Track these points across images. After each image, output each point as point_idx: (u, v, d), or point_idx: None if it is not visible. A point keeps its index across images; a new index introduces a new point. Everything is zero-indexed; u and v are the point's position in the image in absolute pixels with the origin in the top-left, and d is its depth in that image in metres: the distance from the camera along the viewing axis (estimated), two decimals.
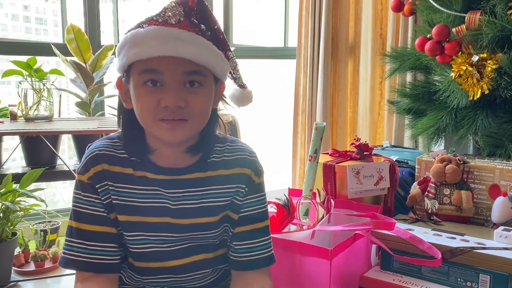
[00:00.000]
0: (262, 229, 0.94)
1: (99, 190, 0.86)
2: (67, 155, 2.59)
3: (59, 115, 2.16)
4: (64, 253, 0.87)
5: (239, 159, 0.92)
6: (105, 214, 0.87)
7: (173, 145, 0.86)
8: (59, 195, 2.87)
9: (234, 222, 0.93)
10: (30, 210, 1.84)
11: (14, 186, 1.78)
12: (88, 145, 0.93)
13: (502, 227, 1.19)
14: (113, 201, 0.87)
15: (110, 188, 0.86)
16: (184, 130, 0.82)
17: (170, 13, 0.80)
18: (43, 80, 1.93)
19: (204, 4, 0.84)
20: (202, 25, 0.83)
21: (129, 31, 0.82)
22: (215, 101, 0.88)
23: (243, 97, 0.95)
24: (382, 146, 2.01)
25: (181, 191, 0.88)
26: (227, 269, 0.98)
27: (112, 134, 0.93)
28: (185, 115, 0.81)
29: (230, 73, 0.92)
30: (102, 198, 0.86)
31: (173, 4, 0.82)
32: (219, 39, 0.85)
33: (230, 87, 0.95)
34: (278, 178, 2.91)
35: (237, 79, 0.93)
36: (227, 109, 0.96)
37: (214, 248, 0.93)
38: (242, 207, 0.92)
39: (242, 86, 0.94)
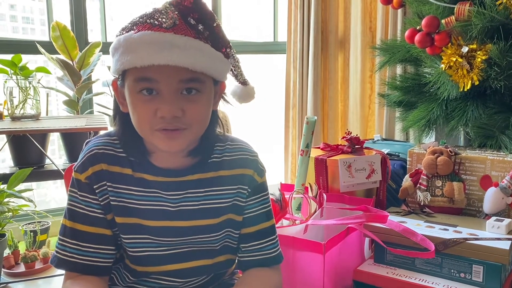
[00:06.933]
0: (268, 229, 0.92)
1: (96, 191, 0.83)
2: (58, 155, 2.56)
3: (47, 114, 2.13)
4: (57, 252, 0.84)
5: (240, 159, 0.90)
6: (101, 216, 0.84)
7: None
8: (50, 196, 2.84)
9: (238, 224, 0.91)
10: (19, 211, 1.82)
11: (2, 186, 1.75)
12: (86, 140, 0.89)
13: (494, 218, 1.20)
14: (111, 202, 0.84)
15: (108, 188, 0.84)
16: (182, 139, 0.78)
17: (164, 17, 0.75)
18: (29, 78, 1.90)
19: (201, 2, 0.79)
20: (200, 25, 0.77)
21: (122, 30, 0.78)
22: (215, 102, 0.85)
23: (245, 94, 0.91)
24: (373, 139, 2.01)
25: (181, 193, 0.85)
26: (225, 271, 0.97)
27: (111, 131, 0.89)
28: (182, 125, 0.77)
29: (231, 70, 0.87)
30: (100, 199, 0.84)
31: (167, 5, 0.76)
32: (218, 37, 0.80)
33: (231, 83, 0.90)
34: (270, 173, 2.90)
35: (238, 76, 0.89)
36: (227, 107, 0.92)
37: (214, 255, 0.90)
38: (246, 209, 0.91)
39: (243, 82, 0.90)
